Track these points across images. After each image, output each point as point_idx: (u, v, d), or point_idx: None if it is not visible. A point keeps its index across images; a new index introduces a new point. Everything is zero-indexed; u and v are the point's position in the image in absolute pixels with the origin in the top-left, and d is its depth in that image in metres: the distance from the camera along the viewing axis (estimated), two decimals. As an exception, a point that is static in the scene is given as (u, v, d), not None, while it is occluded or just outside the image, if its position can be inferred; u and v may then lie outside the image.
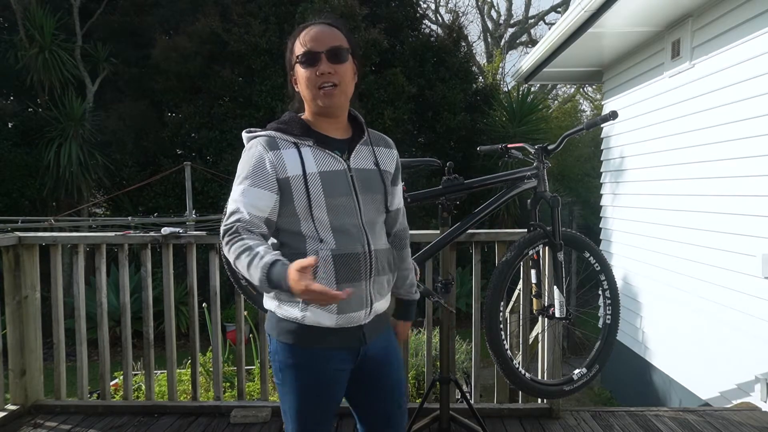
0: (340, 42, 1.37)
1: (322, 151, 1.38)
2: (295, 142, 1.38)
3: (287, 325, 1.40)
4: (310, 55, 1.35)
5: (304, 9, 8.61)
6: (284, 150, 1.36)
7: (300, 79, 1.39)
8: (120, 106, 9.13)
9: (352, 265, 1.36)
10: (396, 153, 1.54)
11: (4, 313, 2.87)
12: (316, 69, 1.34)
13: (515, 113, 9.88)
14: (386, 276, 1.46)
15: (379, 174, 1.44)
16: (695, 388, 4.35)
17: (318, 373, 1.41)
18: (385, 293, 1.47)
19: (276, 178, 1.35)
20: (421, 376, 4.58)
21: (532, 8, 23.22)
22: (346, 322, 1.38)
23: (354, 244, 1.37)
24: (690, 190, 4.43)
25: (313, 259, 1.14)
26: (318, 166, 1.36)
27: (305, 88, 1.37)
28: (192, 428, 2.75)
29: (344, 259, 1.35)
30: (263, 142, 1.38)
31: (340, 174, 1.37)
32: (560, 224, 2.32)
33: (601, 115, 2.30)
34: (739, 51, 3.78)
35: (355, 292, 1.36)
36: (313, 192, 1.34)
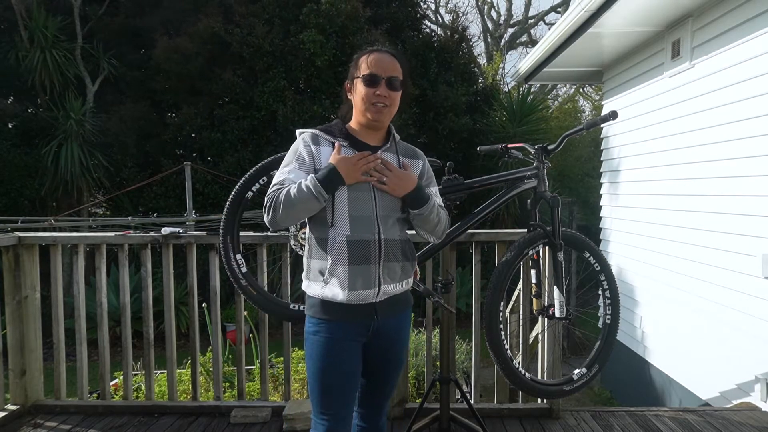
0: (398, 74, 1.67)
1: (353, 151, 1.65)
2: (333, 141, 1.65)
3: (312, 301, 1.67)
4: (373, 78, 1.64)
5: (309, 10, 8.60)
6: (323, 146, 1.66)
7: (358, 93, 1.66)
8: (121, 107, 9.13)
9: (363, 250, 1.59)
10: (422, 162, 1.81)
11: (4, 313, 2.87)
12: (375, 90, 1.63)
13: (515, 113, 9.88)
14: (398, 263, 1.66)
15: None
16: (695, 388, 4.35)
17: (332, 340, 1.63)
18: (397, 279, 1.67)
19: (314, 168, 1.63)
20: (421, 376, 4.58)
21: (532, 8, 23.25)
22: (355, 298, 1.60)
23: (367, 232, 1.60)
24: (690, 190, 4.43)
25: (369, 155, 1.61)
26: None
27: (360, 101, 1.66)
28: (192, 428, 2.75)
29: (357, 244, 1.59)
30: (307, 137, 1.68)
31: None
32: (560, 224, 2.32)
33: (601, 115, 2.30)
34: (739, 51, 3.78)
35: (364, 273, 1.60)
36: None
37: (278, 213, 1.57)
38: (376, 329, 1.67)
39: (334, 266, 1.59)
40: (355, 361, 1.67)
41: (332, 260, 1.59)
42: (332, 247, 1.59)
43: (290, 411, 2.69)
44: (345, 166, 1.57)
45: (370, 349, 1.71)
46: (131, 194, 8.99)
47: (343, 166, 1.57)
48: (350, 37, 8.67)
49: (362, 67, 1.65)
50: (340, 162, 1.57)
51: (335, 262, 1.59)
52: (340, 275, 1.59)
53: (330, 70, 8.77)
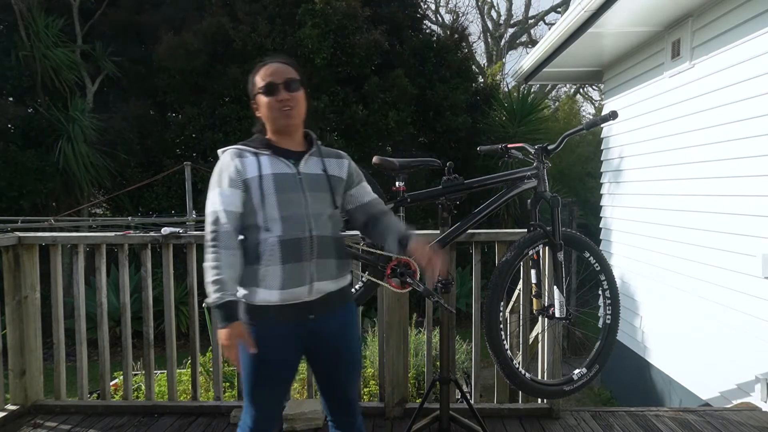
0: (293, 75, 1.73)
1: (277, 158, 1.70)
2: (256, 153, 1.70)
3: (244, 306, 1.68)
4: (271, 86, 1.69)
5: (304, 10, 8.60)
6: (247, 159, 1.69)
7: (262, 105, 1.72)
8: (123, 106, 9.11)
9: (295, 248, 1.64)
10: (347, 162, 1.84)
11: (4, 313, 2.87)
12: (276, 97, 1.69)
13: (515, 113, 9.88)
14: (332, 260, 1.71)
15: (326, 178, 1.74)
16: (695, 388, 4.35)
17: (264, 344, 1.65)
18: (332, 276, 1.71)
19: (241, 180, 1.66)
20: (421, 376, 4.58)
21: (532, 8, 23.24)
22: (288, 297, 1.64)
23: (299, 230, 1.65)
24: (690, 190, 4.43)
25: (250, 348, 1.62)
26: (272, 169, 1.67)
27: (267, 112, 1.71)
28: (192, 428, 2.75)
29: (289, 242, 1.63)
30: (231, 153, 1.71)
31: (290, 176, 1.68)
32: (560, 224, 2.32)
33: (601, 115, 2.30)
34: (739, 51, 3.78)
35: (297, 270, 1.64)
36: (266, 189, 1.64)
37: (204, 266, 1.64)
38: (315, 330, 1.70)
39: (266, 267, 1.63)
40: (287, 365, 1.72)
41: (265, 262, 1.63)
42: (264, 249, 1.63)
43: (290, 411, 2.69)
44: (225, 339, 1.60)
45: (317, 353, 1.75)
46: (132, 194, 8.99)
47: (225, 338, 1.60)
48: (350, 37, 8.67)
49: (258, 81, 1.72)
50: (231, 335, 1.59)
51: (267, 263, 1.62)
52: (271, 275, 1.63)
53: (329, 69, 8.76)
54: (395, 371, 2.82)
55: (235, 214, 1.65)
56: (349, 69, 8.87)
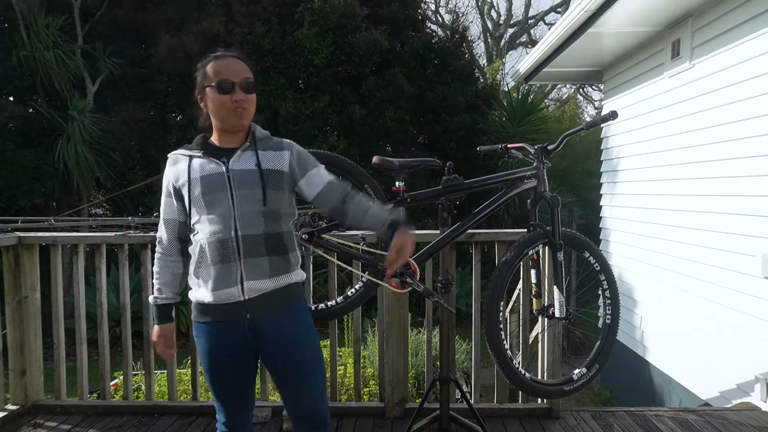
0: (250, 75, 1.69)
1: (207, 159, 1.67)
2: (189, 156, 1.70)
3: (192, 305, 1.74)
4: (227, 84, 1.63)
5: (303, 9, 8.60)
6: (180, 164, 1.70)
7: (213, 102, 1.65)
8: (122, 108, 9.09)
9: (222, 248, 1.62)
10: (287, 152, 1.72)
11: (4, 313, 2.87)
12: (231, 96, 1.63)
13: (515, 113, 9.87)
14: (263, 258, 1.65)
15: (258, 173, 1.66)
16: (695, 388, 4.35)
17: (210, 344, 1.70)
18: (267, 274, 1.65)
19: (174, 187, 1.70)
20: (421, 376, 4.58)
21: (532, 8, 23.23)
22: (223, 298, 1.64)
23: (224, 230, 1.63)
24: (690, 190, 4.43)
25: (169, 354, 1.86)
26: (201, 171, 1.66)
27: (218, 110, 1.65)
28: (192, 428, 2.75)
29: (216, 243, 1.63)
30: (170, 160, 1.75)
31: (219, 175, 1.65)
32: (560, 224, 2.32)
33: (601, 115, 2.30)
34: (739, 51, 3.78)
35: (226, 271, 1.63)
36: (193, 191, 1.65)
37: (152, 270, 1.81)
38: (254, 328, 1.66)
39: (198, 268, 1.66)
40: (238, 361, 1.71)
41: (197, 263, 1.66)
42: (194, 249, 1.67)
43: (290, 411, 2.68)
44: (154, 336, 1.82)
45: (266, 355, 1.72)
46: (132, 195, 8.98)
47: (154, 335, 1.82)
48: (349, 36, 8.67)
49: (211, 74, 1.65)
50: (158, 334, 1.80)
51: (199, 264, 1.65)
52: (204, 276, 1.66)
53: (328, 69, 8.76)
54: (395, 371, 2.82)
55: (173, 221, 1.72)
56: (349, 68, 8.86)
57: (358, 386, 3.01)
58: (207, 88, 1.66)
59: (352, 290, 2.35)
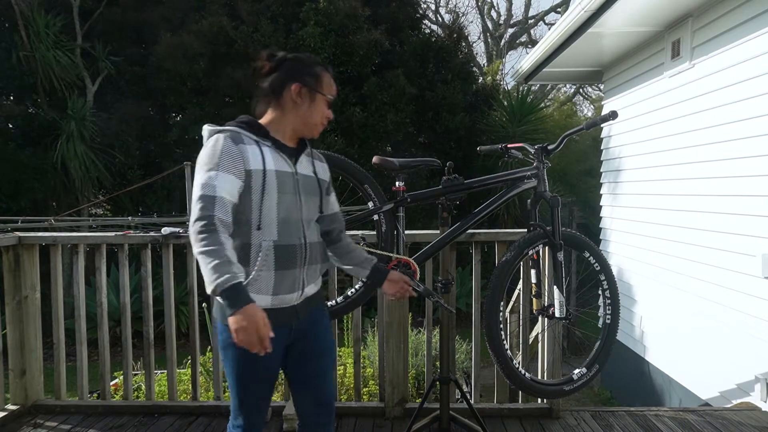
0: None
1: (279, 153, 1.60)
2: (257, 141, 1.57)
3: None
4: (331, 101, 1.69)
5: (308, 9, 8.60)
6: (249, 146, 1.54)
7: (316, 109, 1.65)
8: (122, 107, 9.10)
9: (289, 255, 1.58)
10: (328, 166, 1.81)
11: (4, 313, 2.87)
12: (329, 112, 1.69)
13: (515, 113, 9.88)
14: (318, 265, 1.71)
15: (316, 181, 1.70)
16: (695, 388, 4.35)
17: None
18: (316, 279, 1.72)
19: (244, 168, 1.51)
20: (421, 376, 4.58)
21: (532, 8, 23.22)
22: (279, 302, 1.60)
23: (293, 236, 1.59)
24: (690, 189, 4.43)
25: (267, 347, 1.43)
26: (275, 165, 1.57)
27: (313, 117, 1.65)
28: (192, 428, 2.75)
29: (283, 249, 1.57)
30: (230, 135, 1.54)
31: (289, 175, 1.60)
32: (560, 224, 2.32)
33: (601, 115, 2.30)
34: (739, 51, 3.78)
35: (290, 277, 1.59)
36: (268, 186, 1.53)
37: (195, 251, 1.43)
38: (297, 329, 1.68)
39: (258, 272, 1.54)
40: (275, 367, 1.68)
41: (258, 266, 1.53)
42: (257, 252, 1.53)
43: (290, 411, 2.68)
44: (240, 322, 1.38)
45: (293, 349, 1.70)
46: (132, 195, 8.98)
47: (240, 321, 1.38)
48: (350, 36, 8.67)
49: (326, 85, 1.66)
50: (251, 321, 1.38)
51: (260, 268, 1.53)
52: (263, 280, 1.55)
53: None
54: (395, 371, 2.82)
55: (231, 204, 1.49)
56: (350, 68, 8.86)
57: (358, 386, 3.01)
58: (318, 93, 1.64)
59: (352, 290, 2.35)
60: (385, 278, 1.82)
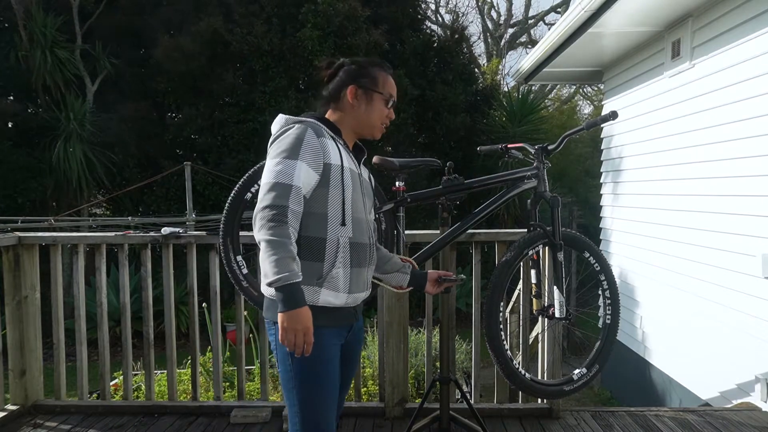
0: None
1: (348, 152, 1.62)
2: (333, 137, 1.59)
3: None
4: (392, 100, 1.68)
5: (307, 10, 8.60)
6: (328, 141, 1.55)
7: (374, 109, 1.64)
8: (121, 107, 9.11)
9: (361, 253, 1.59)
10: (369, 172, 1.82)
11: (4, 313, 2.87)
12: (389, 112, 1.68)
13: (515, 113, 9.88)
14: (374, 266, 1.73)
15: (370, 184, 1.76)
16: (695, 388, 4.35)
17: (325, 347, 1.53)
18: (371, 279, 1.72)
19: (323, 162, 1.51)
20: (421, 376, 4.58)
21: (532, 8, 23.20)
22: (353, 301, 1.59)
23: (363, 235, 1.60)
24: (690, 190, 4.43)
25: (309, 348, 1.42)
26: (348, 163, 1.58)
27: (373, 118, 1.65)
28: (192, 428, 2.75)
29: (358, 247, 1.58)
30: (311, 126, 1.53)
31: (356, 175, 1.62)
32: (560, 224, 2.32)
33: (601, 115, 2.30)
34: (739, 51, 3.78)
35: (362, 276, 1.60)
36: (346, 182, 1.54)
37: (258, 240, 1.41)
38: (353, 329, 1.68)
39: (336, 269, 1.51)
40: (338, 366, 1.59)
41: (334, 262, 1.50)
42: (333, 248, 1.51)
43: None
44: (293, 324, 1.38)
45: (350, 354, 1.70)
46: (132, 195, 8.99)
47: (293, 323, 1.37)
48: (349, 38, 8.67)
49: (383, 85, 1.65)
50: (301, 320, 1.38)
51: (337, 265, 1.51)
52: (342, 278, 1.52)
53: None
54: (395, 371, 2.82)
55: (303, 196, 1.46)
56: (350, 70, 8.86)
57: (358, 386, 3.01)
58: (375, 93, 1.63)
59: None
60: (427, 280, 1.88)
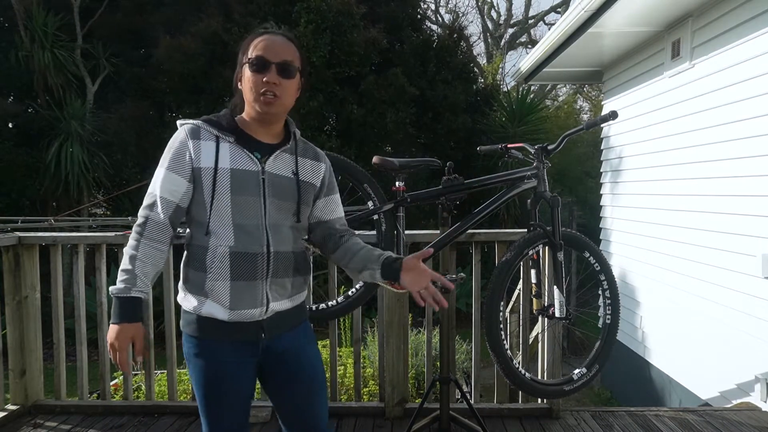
0: (292, 57, 1.46)
1: (241, 149, 1.44)
2: (217, 136, 1.45)
3: (189, 317, 1.48)
4: (262, 62, 1.42)
5: (300, 8, 8.60)
6: (204, 141, 1.44)
7: (245, 80, 1.45)
8: (121, 107, 9.12)
9: (248, 264, 1.41)
10: (324, 167, 1.59)
11: (4, 313, 2.87)
12: (263, 76, 1.42)
13: (515, 113, 9.88)
14: (289, 279, 1.50)
15: (295, 182, 1.49)
16: (695, 388, 4.35)
17: (216, 363, 1.46)
18: (288, 294, 1.51)
19: (191, 167, 1.42)
20: (421, 376, 4.58)
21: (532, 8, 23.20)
22: (238, 317, 1.44)
23: (253, 243, 1.42)
24: (690, 190, 4.43)
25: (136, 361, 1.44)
26: (231, 162, 1.42)
27: (248, 90, 1.45)
28: (192, 428, 2.75)
29: (241, 257, 1.41)
30: (187, 129, 1.46)
31: (251, 174, 1.43)
32: (560, 224, 2.32)
33: (601, 115, 2.30)
34: (739, 51, 3.78)
35: (250, 290, 1.43)
36: (219, 185, 1.40)
37: (125, 249, 1.44)
38: (267, 347, 1.50)
39: (213, 281, 1.40)
40: (244, 384, 1.49)
41: (212, 274, 1.40)
42: (212, 258, 1.40)
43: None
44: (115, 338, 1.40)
45: (272, 373, 1.54)
46: (131, 194, 8.99)
47: (115, 336, 1.40)
48: (347, 35, 8.67)
49: (250, 50, 1.45)
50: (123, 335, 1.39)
51: (215, 277, 1.40)
52: (220, 292, 1.40)
53: (326, 68, 8.78)
54: (395, 371, 2.82)
55: (172, 204, 1.42)
56: (348, 68, 8.86)
57: (358, 386, 3.01)
58: (244, 65, 1.45)
59: (352, 290, 2.35)
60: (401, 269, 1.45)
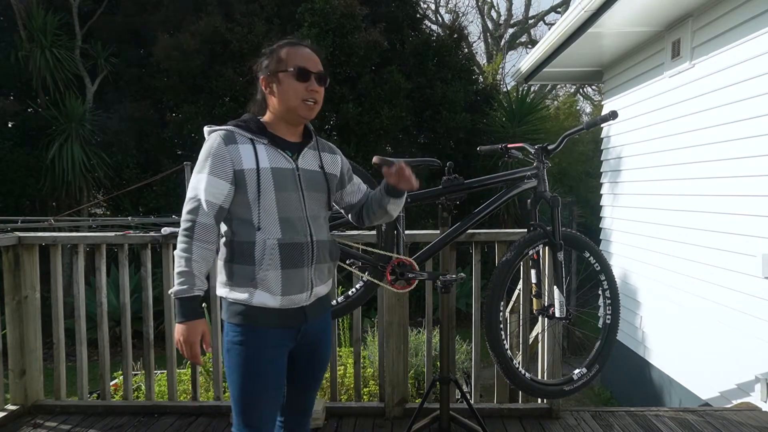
0: (323, 68, 1.64)
1: (275, 149, 1.58)
2: (252, 139, 1.57)
3: (236, 308, 1.58)
4: (305, 72, 1.57)
5: (304, 9, 8.60)
6: (241, 144, 1.55)
7: (285, 87, 1.57)
8: (121, 106, 9.12)
9: (295, 253, 1.55)
10: (340, 157, 1.76)
11: (4, 313, 2.87)
12: (307, 85, 1.57)
13: (515, 113, 9.88)
14: (327, 264, 1.66)
15: (323, 175, 1.65)
16: (695, 388, 4.35)
17: (261, 348, 1.57)
18: (325, 279, 1.68)
19: (233, 170, 1.52)
20: (421, 376, 4.58)
21: (532, 8, 23.21)
22: (288, 303, 1.57)
23: (298, 234, 1.56)
24: (690, 189, 4.43)
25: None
26: (270, 162, 1.55)
27: (290, 98, 1.57)
28: (192, 428, 2.75)
29: (289, 247, 1.54)
30: (222, 135, 1.56)
31: (288, 171, 1.57)
32: (560, 224, 2.32)
33: (601, 115, 2.30)
34: (739, 51, 3.78)
35: (298, 276, 1.57)
36: (263, 185, 1.52)
37: (175, 251, 1.54)
38: (305, 331, 1.65)
39: (265, 272, 1.52)
40: (281, 371, 1.63)
41: (264, 265, 1.52)
42: (262, 251, 1.52)
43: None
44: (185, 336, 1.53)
45: (296, 353, 1.67)
46: (131, 194, 8.99)
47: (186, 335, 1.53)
48: (348, 36, 8.67)
49: (288, 60, 1.57)
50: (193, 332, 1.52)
51: (267, 267, 1.52)
52: (271, 280, 1.53)
53: (327, 69, 8.80)
54: (395, 371, 2.82)
55: (217, 206, 1.52)
56: (349, 69, 8.87)
57: (358, 386, 3.01)
58: (280, 73, 1.57)
59: (352, 290, 2.35)
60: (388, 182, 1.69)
